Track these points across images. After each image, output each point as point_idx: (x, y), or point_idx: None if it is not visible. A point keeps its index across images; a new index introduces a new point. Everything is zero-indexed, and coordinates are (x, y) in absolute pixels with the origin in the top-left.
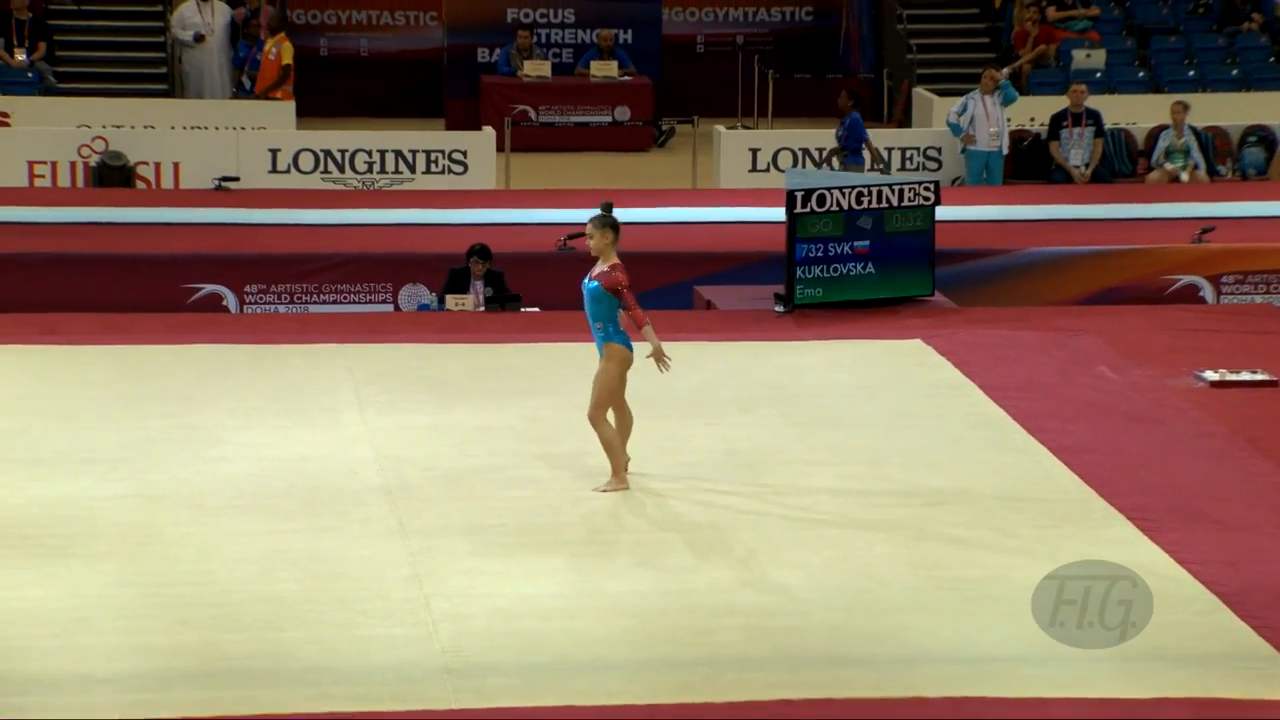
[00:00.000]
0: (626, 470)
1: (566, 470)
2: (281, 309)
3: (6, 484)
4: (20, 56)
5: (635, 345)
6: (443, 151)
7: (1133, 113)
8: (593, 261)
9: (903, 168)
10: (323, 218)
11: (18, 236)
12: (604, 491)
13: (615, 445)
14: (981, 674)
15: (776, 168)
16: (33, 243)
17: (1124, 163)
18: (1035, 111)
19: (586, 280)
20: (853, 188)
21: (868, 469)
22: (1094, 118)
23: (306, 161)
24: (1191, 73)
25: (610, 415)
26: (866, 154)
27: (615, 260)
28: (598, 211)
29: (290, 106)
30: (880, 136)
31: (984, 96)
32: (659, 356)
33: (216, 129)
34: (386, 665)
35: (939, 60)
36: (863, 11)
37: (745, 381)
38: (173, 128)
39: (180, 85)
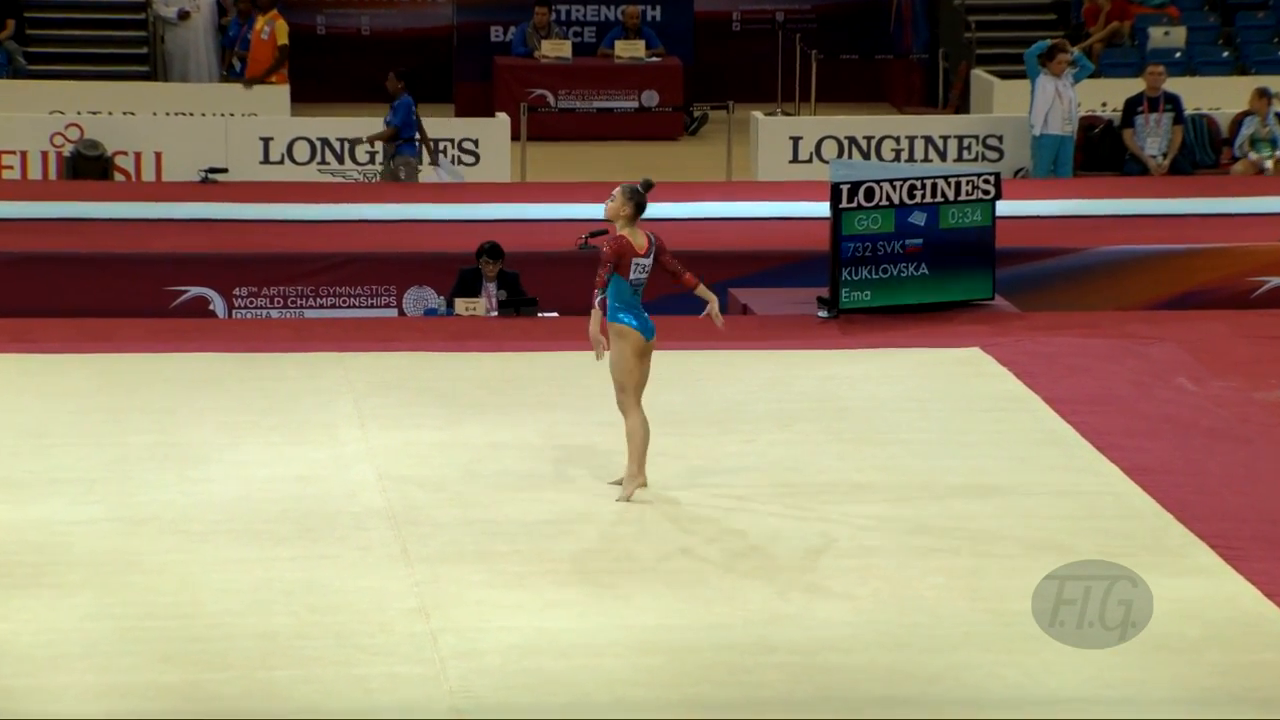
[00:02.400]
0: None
1: (588, 491)
2: (274, 314)
3: None
4: None
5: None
6: (452, 140)
7: (1216, 97)
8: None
9: (960, 158)
10: (320, 213)
11: None
12: (620, 490)
13: (638, 438)
14: (1049, 718)
15: (820, 158)
16: (0, 241)
17: (1205, 152)
18: (1107, 95)
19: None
20: (905, 180)
21: (920, 491)
22: (1172, 102)
23: (302, 151)
24: None
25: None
26: (420, 145)
27: (620, 233)
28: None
29: (284, 91)
30: (936, 124)
31: (1053, 79)
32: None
33: (203, 116)
34: (389, 706)
35: (1000, 39)
36: None
37: (785, 394)
38: (155, 114)
39: (163, 67)
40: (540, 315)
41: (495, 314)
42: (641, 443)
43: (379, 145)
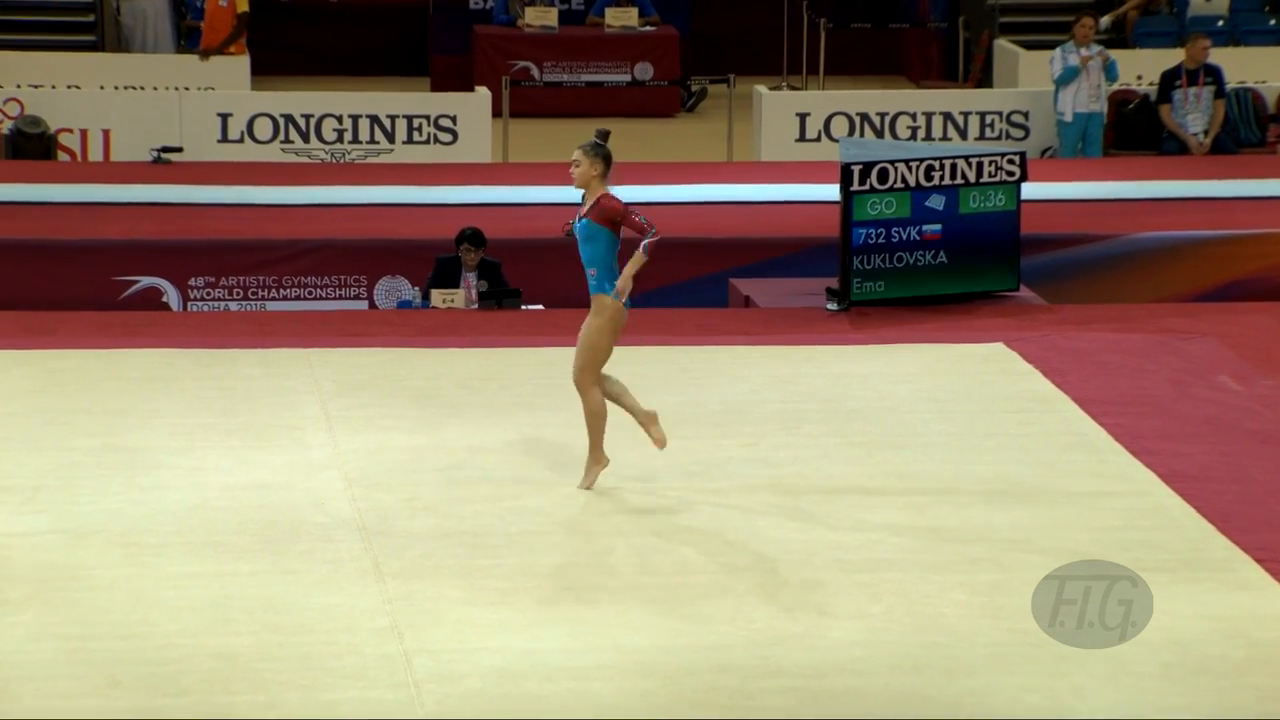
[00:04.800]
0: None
1: (576, 500)
2: (233, 306)
3: None
4: None
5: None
6: (428, 117)
7: (1262, 69)
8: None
9: (981, 136)
10: (283, 196)
11: None
12: (583, 480)
13: (601, 419)
14: None
15: (829, 136)
16: None
17: (1250, 130)
18: (1143, 68)
19: (576, 220)
20: (921, 160)
21: (939, 499)
22: (1214, 75)
23: (263, 129)
24: None
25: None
26: None
27: (605, 191)
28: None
29: (244, 63)
30: (956, 99)
31: (1079, 49)
32: (623, 289)
33: (155, 90)
34: None
35: (1026, 6)
36: None
37: (791, 393)
38: (102, 88)
39: (113, 37)
40: (524, 308)
41: (475, 306)
42: (603, 423)
43: None
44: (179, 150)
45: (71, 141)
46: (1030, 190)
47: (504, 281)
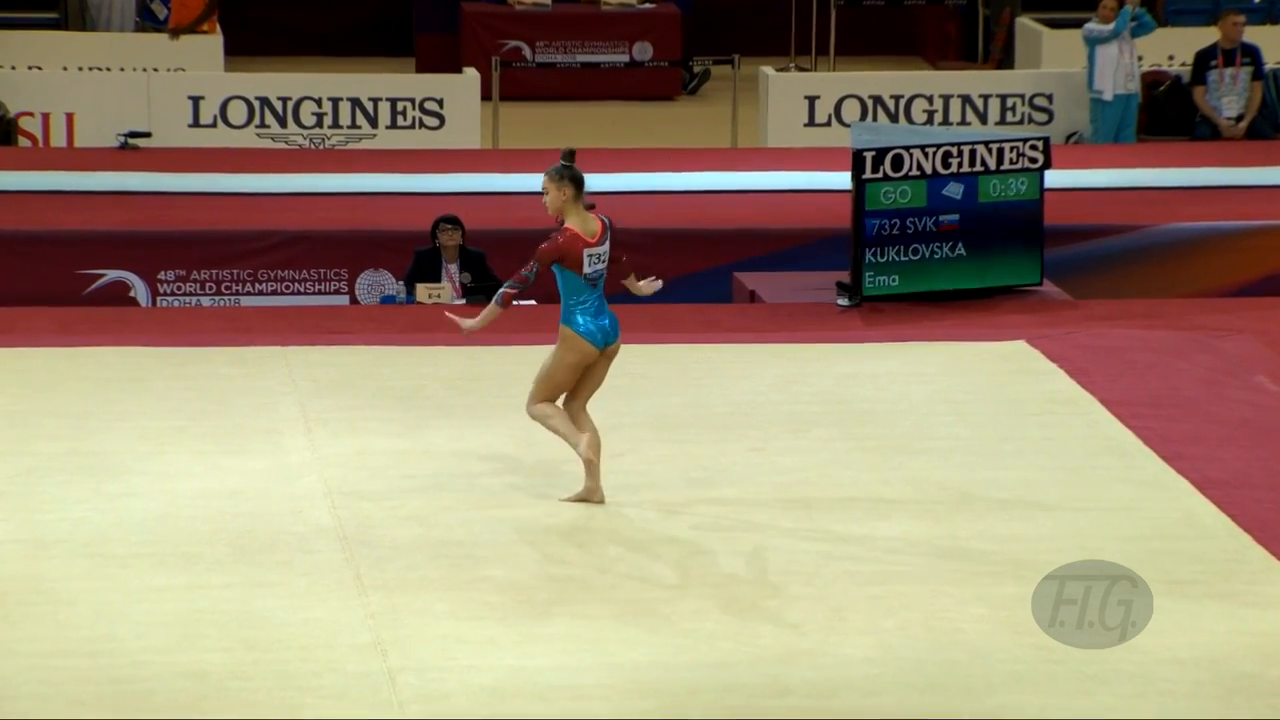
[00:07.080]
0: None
1: (570, 509)
2: (206, 302)
3: None
4: None
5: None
6: (413, 100)
7: None
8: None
9: (1003, 120)
10: (258, 185)
11: None
12: (572, 501)
13: (555, 417)
14: None
15: (840, 121)
16: None
17: None
18: (1175, 48)
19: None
20: (938, 146)
21: (956, 507)
22: (1251, 55)
23: (238, 113)
24: None
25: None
26: None
27: (566, 226)
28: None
29: (217, 42)
30: (975, 81)
31: (1103, 28)
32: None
33: (121, 71)
34: None
35: None
36: None
37: (799, 395)
38: (65, 69)
39: (76, 15)
40: (514, 303)
41: (462, 301)
42: (561, 419)
43: None
44: (147, 135)
45: (33, 126)
46: (1054, 178)
47: (490, 274)
